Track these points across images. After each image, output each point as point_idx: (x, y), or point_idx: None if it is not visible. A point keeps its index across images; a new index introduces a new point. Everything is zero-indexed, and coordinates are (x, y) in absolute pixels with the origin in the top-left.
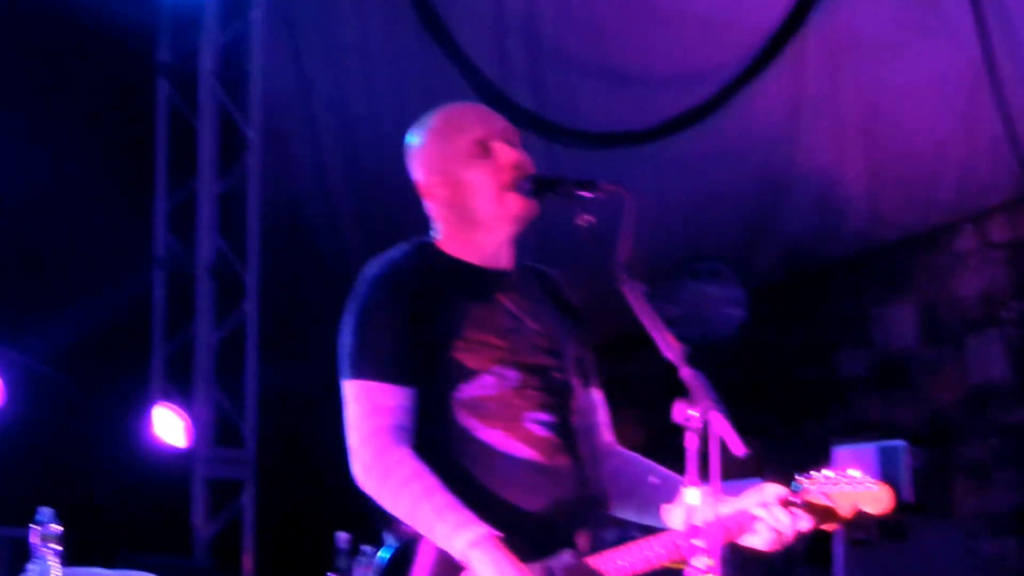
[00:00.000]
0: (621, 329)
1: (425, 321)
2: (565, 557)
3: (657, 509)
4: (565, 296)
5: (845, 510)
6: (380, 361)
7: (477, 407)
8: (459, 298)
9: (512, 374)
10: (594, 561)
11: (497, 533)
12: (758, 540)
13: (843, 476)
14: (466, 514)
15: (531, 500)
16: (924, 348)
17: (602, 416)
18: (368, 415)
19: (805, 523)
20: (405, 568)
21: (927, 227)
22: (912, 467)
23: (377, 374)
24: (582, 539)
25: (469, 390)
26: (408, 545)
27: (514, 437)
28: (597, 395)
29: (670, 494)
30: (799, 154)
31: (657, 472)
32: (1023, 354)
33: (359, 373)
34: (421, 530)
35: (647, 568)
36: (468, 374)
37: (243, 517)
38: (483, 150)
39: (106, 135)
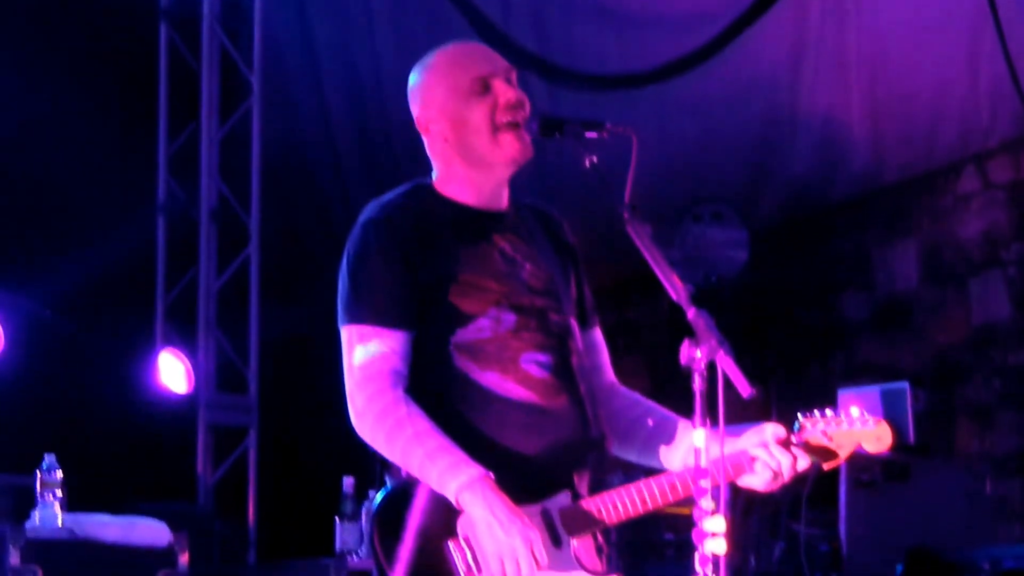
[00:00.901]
0: (626, 272)
1: (421, 265)
2: (563, 498)
3: (656, 450)
4: (564, 236)
5: (845, 449)
6: (375, 305)
7: (474, 350)
8: (455, 241)
9: (508, 316)
10: (592, 502)
11: (489, 474)
12: (756, 480)
13: (843, 415)
14: (459, 456)
15: (529, 442)
16: (926, 289)
17: (603, 356)
18: (363, 360)
19: (803, 462)
20: (402, 510)
21: (929, 169)
22: (915, 409)
23: (372, 318)
24: (581, 480)
25: (466, 334)
26: (405, 487)
27: (511, 379)
28: (597, 335)
29: (669, 436)
30: (802, 96)
31: (656, 413)
32: None
33: (355, 318)
34: (415, 473)
35: (645, 510)
36: (464, 318)
37: (247, 463)
38: (483, 88)
39: (108, 80)
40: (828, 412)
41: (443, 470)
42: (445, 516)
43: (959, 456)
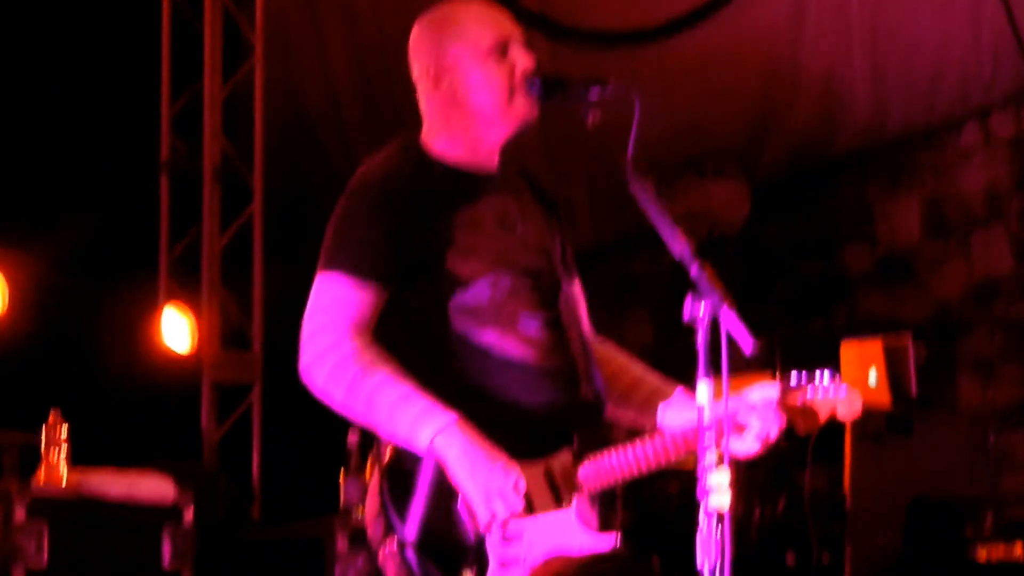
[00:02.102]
0: (630, 227)
1: (414, 229)
2: (564, 456)
3: (636, 404)
4: (547, 193)
5: (821, 415)
6: (351, 254)
7: (472, 313)
8: (450, 205)
9: (505, 278)
10: (594, 460)
11: (459, 416)
12: (741, 445)
13: (815, 382)
14: (427, 402)
15: (529, 401)
16: (928, 243)
17: (582, 308)
18: (328, 306)
19: (775, 428)
20: (415, 465)
21: (931, 123)
22: (917, 362)
23: (345, 267)
24: (582, 438)
25: (464, 297)
26: None
27: (510, 339)
28: (578, 287)
29: (650, 393)
30: (803, 51)
31: (637, 368)
32: None
33: (327, 264)
34: (380, 426)
35: (648, 467)
36: (462, 282)
37: (251, 419)
38: (502, 51)
39: (112, 40)
40: (803, 379)
41: (415, 416)
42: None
43: (962, 409)
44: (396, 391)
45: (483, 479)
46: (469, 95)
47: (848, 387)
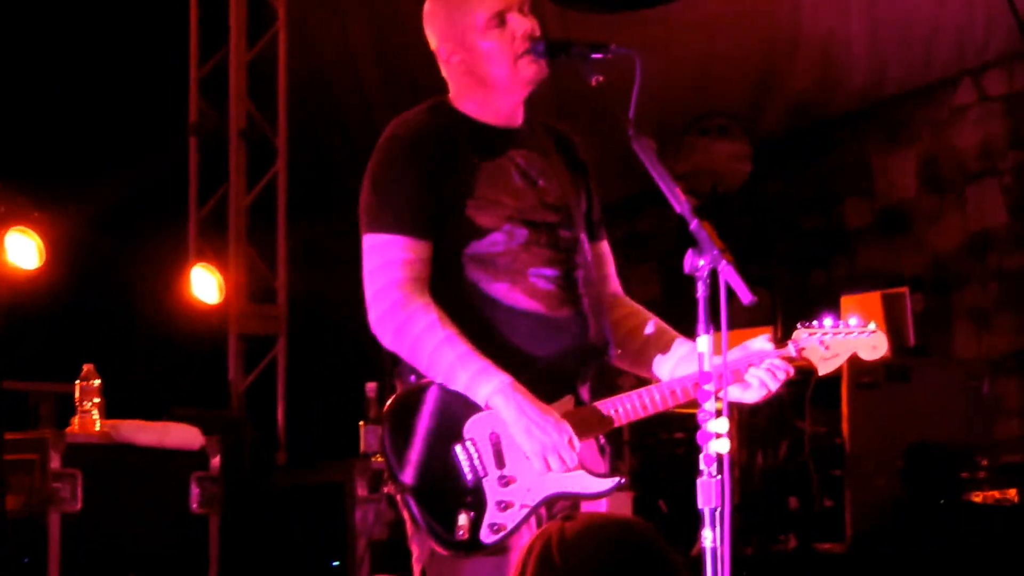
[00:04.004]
0: (636, 185)
1: (440, 179)
2: (567, 403)
3: (649, 359)
4: (577, 153)
5: (841, 357)
6: (397, 214)
7: (485, 262)
8: (473, 157)
9: (521, 231)
10: (595, 407)
11: (514, 380)
12: (748, 394)
13: (841, 324)
14: (485, 362)
15: (534, 349)
16: (925, 198)
17: (609, 267)
18: (384, 267)
19: (786, 373)
20: (411, 414)
21: (927, 82)
22: (914, 312)
23: (394, 227)
24: (584, 386)
25: (479, 246)
26: (414, 392)
27: (519, 290)
28: (605, 248)
29: (664, 346)
30: (804, 14)
31: (654, 324)
32: (1020, 202)
33: (376, 226)
34: (440, 379)
35: (647, 414)
36: (479, 231)
37: (276, 370)
38: (499, 21)
39: (142, 8)
40: (827, 321)
41: (473, 375)
42: (452, 420)
43: (958, 357)
44: (455, 351)
45: (539, 436)
46: (477, 65)
47: (873, 329)
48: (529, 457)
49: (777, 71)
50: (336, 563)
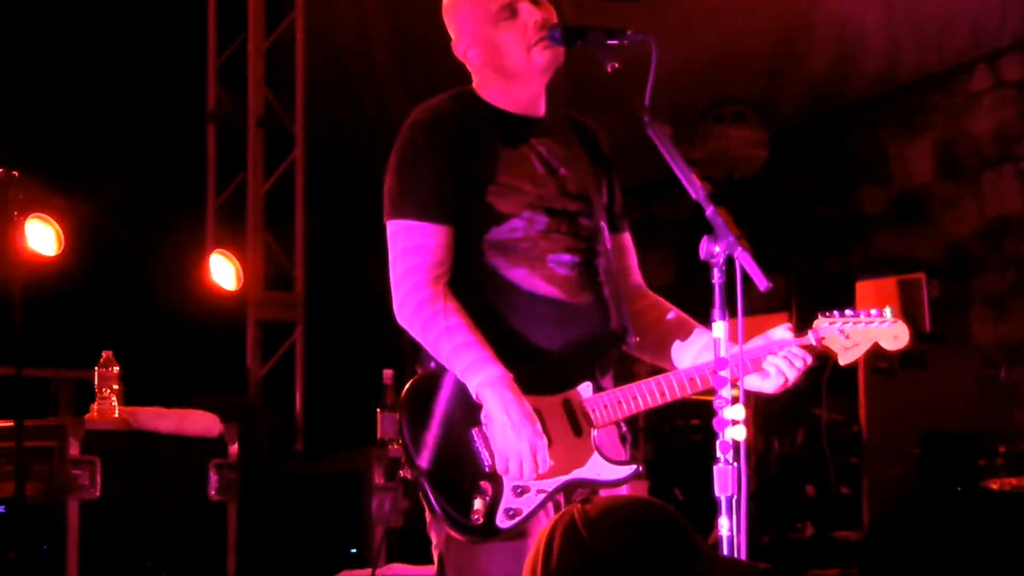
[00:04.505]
0: (652, 171)
1: (462, 164)
2: (584, 389)
3: (668, 349)
4: (599, 144)
5: (861, 347)
6: (420, 201)
7: (505, 248)
8: (495, 144)
9: (541, 218)
10: (612, 394)
11: (509, 374)
12: (767, 383)
13: (862, 314)
14: (484, 353)
15: (553, 335)
16: (941, 184)
17: (630, 259)
18: (407, 252)
19: (804, 360)
20: (429, 399)
21: (943, 68)
22: (931, 298)
23: (416, 213)
24: (603, 373)
25: (499, 232)
26: (432, 376)
27: (538, 276)
28: (626, 239)
29: (684, 336)
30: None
31: (675, 315)
32: None
33: (400, 213)
34: (446, 364)
35: (664, 402)
36: (499, 218)
37: (294, 357)
38: (511, 12)
39: None
40: (848, 311)
41: (468, 365)
42: (469, 405)
43: (974, 344)
44: (460, 339)
45: (511, 439)
46: (493, 56)
47: (894, 319)
48: (494, 454)
49: (792, 57)
50: (353, 551)
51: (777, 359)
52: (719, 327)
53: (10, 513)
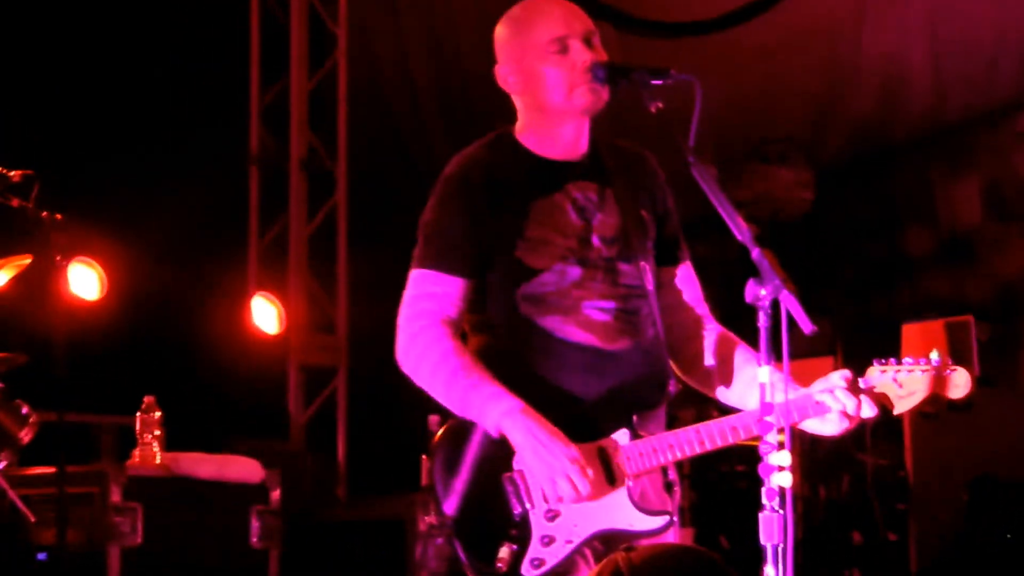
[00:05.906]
0: (696, 210)
1: (489, 222)
2: (621, 437)
3: (731, 385)
4: (648, 172)
5: (917, 396)
6: (438, 252)
7: (537, 300)
8: (527, 195)
9: (574, 270)
10: (650, 442)
11: (525, 404)
12: (826, 427)
13: (919, 361)
14: (497, 388)
15: (589, 383)
16: (989, 224)
17: (689, 291)
18: (416, 299)
19: (868, 410)
20: (460, 444)
21: (990, 106)
22: (980, 341)
23: (432, 263)
24: (642, 420)
25: (530, 287)
26: (464, 422)
27: (572, 323)
28: (684, 270)
29: (749, 377)
30: (864, 38)
31: (742, 353)
32: None
33: (416, 263)
34: (455, 408)
35: (703, 451)
36: (530, 272)
37: (336, 401)
38: (561, 47)
39: (204, 39)
40: (906, 359)
41: (484, 400)
42: (502, 451)
43: (1022, 387)
44: (471, 378)
45: (548, 459)
46: (536, 91)
47: (954, 366)
48: (539, 482)
49: (838, 97)
50: None
51: (833, 402)
52: (764, 371)
53: (52, 560)
